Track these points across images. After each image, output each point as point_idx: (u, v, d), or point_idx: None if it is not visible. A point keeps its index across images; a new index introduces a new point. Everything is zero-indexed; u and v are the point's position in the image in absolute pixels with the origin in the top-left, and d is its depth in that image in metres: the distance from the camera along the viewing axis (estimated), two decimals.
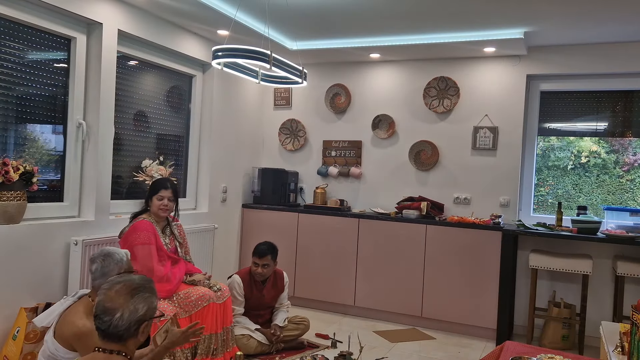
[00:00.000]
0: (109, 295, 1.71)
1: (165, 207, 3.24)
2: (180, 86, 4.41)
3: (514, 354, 2.26)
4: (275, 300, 3.83)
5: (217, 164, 4.67)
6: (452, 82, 4.65)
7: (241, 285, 3.65)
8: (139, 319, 1.71)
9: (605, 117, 4.38)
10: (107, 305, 1.69)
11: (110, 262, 2.53)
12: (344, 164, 5.11)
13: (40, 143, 3.26)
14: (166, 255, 3.20)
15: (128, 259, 2.65)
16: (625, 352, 2.18)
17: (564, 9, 3.49)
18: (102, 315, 1.68)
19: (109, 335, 1.69)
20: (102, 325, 1.68)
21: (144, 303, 1.73)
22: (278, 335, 3.59)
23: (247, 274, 3.73)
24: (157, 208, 3.22)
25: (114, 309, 1.68)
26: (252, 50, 2.90)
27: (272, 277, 3.80)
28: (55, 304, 2.60)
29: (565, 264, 3.91)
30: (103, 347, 1.70)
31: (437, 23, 3.92)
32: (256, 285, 3.72)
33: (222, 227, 4.71)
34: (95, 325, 1.70)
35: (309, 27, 4.17)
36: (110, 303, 1.69)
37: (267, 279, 3.77)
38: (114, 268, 2.53)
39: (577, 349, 3.97)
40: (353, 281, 4.64)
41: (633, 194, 4.32)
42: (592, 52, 4.25)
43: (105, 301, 1.70)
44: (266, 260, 3.67)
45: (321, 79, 5.22)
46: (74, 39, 3.35)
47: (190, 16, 3.84)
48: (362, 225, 4.60)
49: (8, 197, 2.83)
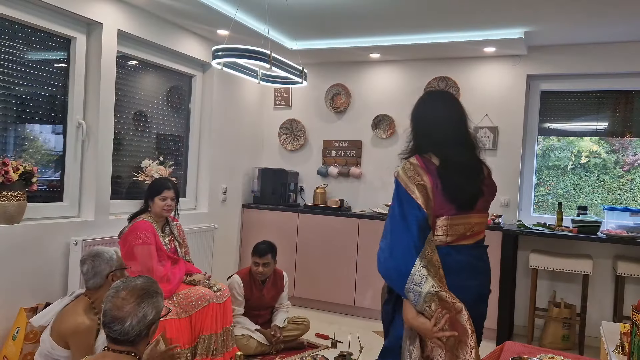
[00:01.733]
0: (115, 304, 1.69)
1: (168, 207, 3.25)
2: (180, 86, 4.41)
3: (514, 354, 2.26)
4: (275, 300, 3.83)
5: (217, 164, 4.67)
6: (452, 82, 4.64)
7: (241, 285, 3.64)
8: (149, 324, 1.72)
9: (606, 117, 4.37)
10: (115, 314, 1.68)
11: (100, 262, 2.54)
12: (344, 164, 5.11)
13: (40, 143, 3.26)
14: (166, 256, 3.20)
15: (118, 256, 2.65)
16: (626, 352, 2.18)
17: (564, 9, 3.49)
18: (112, 324, 1.67)
19: (121, 342, 1.69)
20: (113, 334, 1.67)
21: (151, 307, 1.73)
22: (278, 337, 3.59)
23: (247, 274, 3.73)
24: (160, 209, 3.22)
25: (122, 318, 1.67)
26: (252, 50, 2.90)
27: (272, 277, 3.80)
28: (53, 304, 2.60)
29: (565, 264, 3.91)
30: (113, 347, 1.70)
31: (437, 23, 3.92)
32: (256, 285, 3.72)
33: (222, 227, 4.70)
34: (105, 333, 1.70)
35: (309, 27, 4.16)
36: (117, 311, 1.68)
37: (267, 279, 3.77)
38: (105, 267, 2.54)
39: (578, 349, 3.97)
40: (353, 281, 4.63)
41: (633, 194, 4.32)
42: (592, 52, 4.25)
43: (112, 310, 1.68)
44: (267, 259, 3.67)
45: (321, 79, 5.21)
46: (73, 39, 3.34)
47: (190, 16, 3.83)
48: (362, 225, 4.60)
49: (8, 197, 2.83)
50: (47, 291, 3.11)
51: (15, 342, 2.80)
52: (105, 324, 1.69)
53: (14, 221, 2.90)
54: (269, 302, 3.79)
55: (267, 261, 3.68)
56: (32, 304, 2.97)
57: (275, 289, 3.81)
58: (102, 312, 1.72)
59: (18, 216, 2.92)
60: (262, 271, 3.67)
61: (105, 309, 1.71)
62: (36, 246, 3.03)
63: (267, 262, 3.68)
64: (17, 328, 2.83)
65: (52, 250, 3.13)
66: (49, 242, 3.11)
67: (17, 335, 2.81)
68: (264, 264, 3.67)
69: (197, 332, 3.10)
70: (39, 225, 3.06)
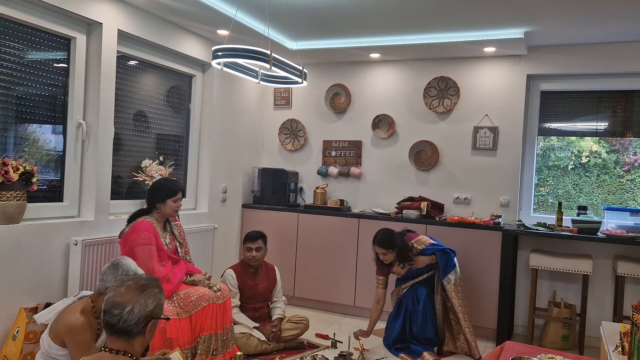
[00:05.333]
0: (119, 291, 1.74)
1: (179, 208, 3.30)
2: (180, 86, 4.41)
3: (514, 354, 2.26)
4: (270, 292, 3.88)
5: (217, 164, 4.67)
6: (452, 82, 4.64)
7: (234, 276, 3.74)
8: (148, 315, 1.74)
9: (606, 117, 4.37)
10: (116, 300, 1.72)
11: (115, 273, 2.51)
12: (344, 164, 5.11)
13: (40, 143, 3.26)
14: (166, 256, 3.20)
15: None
16: (626, 352, 2.18)
17: (564, 9, 3.49)
18: (112, 309, 1.71)
19: (118, 330, 1.70)
20: (112, 319, 1.70)
21: (153, 299, 1.77)
22: (276, 332, 3.61)
23: (239, 266, 3.84)
24: (172, 210, 3.26)
25: (124, 303, 1.71)
26: (252, 50, 2.90)
27: (264, 268, 3.89)
28: (57, 302, 2.60)
29: (565, 264, 3.91)
30: (110, 346, 1.72)
31: (437, 23, 3.92)
32: (248, 275, 3.80)
33: (222, 227, 4.70)
34: (104, 321, 1.73)
35: (309, 27, 4.16)
36: (120, 298, 1.72)
37: (259, 269, 3.85)
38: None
39: (578, 349, 3.97)
40: (353, 281, 4.63)
41: (633, 194, 4.32)
42: (592, 52, 4.25)
43: (115, 297, 1.73)
44: (258, 244, 3.78)
45: (321, 79, 5.21)
46: (73, 38, 3.34)
47: (190, 16, 3.83)
48: (362, 225, 4.60)
49: (8, 197, 2.83)
50: (47, 291, 3.11)
51: (15, 342, 2.81)
52: (106, 311, 1.72)
53: (14, 221, 2.90)
54: (263, 293, 3.83)
55: (259, 245, 3.78)
56: (32, 304, 2.97)
57: (267, 279, 3.86)
58: (104, 302, 1.75)
59: (18, 216, 2.92)
60: (255, 255, 3.76)
61: (108, 297, 1.76)
62: (36, 246, 3.03)
63: (259, 247, 3.78)
64: (17, 328, 2.83)
65: (52, 250, 3.13)
66: (49, 242, 3.11)
67: (17, 335, 2.81)
68: (256, 248, 3.76)
69: (197, 332, 3.10)
70: (39, 225, 3.06)
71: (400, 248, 3.75)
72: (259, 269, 3.85)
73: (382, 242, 3.75)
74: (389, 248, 3.73)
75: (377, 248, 3.78)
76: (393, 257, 3.76)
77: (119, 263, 2.56)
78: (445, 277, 3.76)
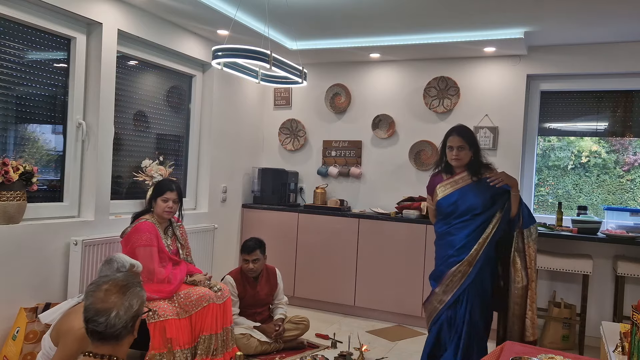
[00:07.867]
0: (98, 297, 1.62)
1: (170, 209, 3.25)
2: (180, 86, 4.41)
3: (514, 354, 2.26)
4: (271, 296, 3.85)
5: (217, 164, 4.66)
6: (452, 82, 4.64)
7: (234, 284, 3.68)
8: (135, 315, 1.66)
9: (606, 117, 4.37)
10: (99, 307, 1.60)
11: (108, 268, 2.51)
12: (344, 164, 5.11)
13: (40, 143, 3.26)
14: (167, 257, 3.20)
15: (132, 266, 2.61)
16: (626, 352, 2.18)
17: (564, 9, 3.49)
18: (96, 317, 1.59)
19: (106, 337, 1.60)
20: (99, 327, 1.59)
21: (137, 298, 1.67)
22: (279, 332, 3.59)
23: (239, 273, 3.77)
24: (161, 210, 3.23)
25: (108, 309, 1.59)
26: (252, 50, 2.90)
27: (265, 273, 3.83)
28: (62, 303, 2.60)
29: (565, 264, 3.91)
30: (95, 351, 1.62)
31: (437, 23, 3.92)
32: (249, 282, 3.75)
33: (222, 227, 4.70)
34: (89, 329, 1.61)
35: (309, 27, 4.16)
36: (102, 304, 1.60)
37: (259, 276, 3.80)
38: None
39: (578, 349, 3.97)
40: (353, 281, 4.63)
41: (633, 194, 4.32)
42: (592, 52, 4.25)
43: (96, 303, 1.61)
44: (255, 255, 3.70)
45: (321, 79, 5.21)
46: (73, 38, 3.34)
47: (190, 16, 3.83)
48: (362, 225, 4.60)
49: (8, 197, 2.83)
50: (47, 291, 3.11)
51: (15, 342, 2.81)
52: (89, 319, 1.60)
53: (14, 221, 2.90)
54: (265, 299, 3.81)
55: (256, 257, 3.71)
56: (32, 304, 2.97)
57: (269, 285, 3.83)
58: (84, 309, 1.62)
59: (18, 216, 2.92)
60: (253, 267, 3.70)
61: (87, 304, 1.62)
62: (36, 246, 3.03)
63: (257, 258, 3.71)
64: (17, 328, 2.83)
65: (52, 250, 3.13)
66: (49, 242, 3.11)
67: (17, 335, 2.81)
68: (253, 260, 3.70)
69: (197, 332, 3.10)
70: (39, 225, 3.06)
71: (478, 151, 3.02)
72: (259, 275, 3.81)
73: (462, 131, 3.01)
74: (471, 141, 3.00)
75: (454, 139, 2.99)
76: (468, 158, 3.00)
77: (112, 258, 2.56)
78: (529, 226, 2.95)
